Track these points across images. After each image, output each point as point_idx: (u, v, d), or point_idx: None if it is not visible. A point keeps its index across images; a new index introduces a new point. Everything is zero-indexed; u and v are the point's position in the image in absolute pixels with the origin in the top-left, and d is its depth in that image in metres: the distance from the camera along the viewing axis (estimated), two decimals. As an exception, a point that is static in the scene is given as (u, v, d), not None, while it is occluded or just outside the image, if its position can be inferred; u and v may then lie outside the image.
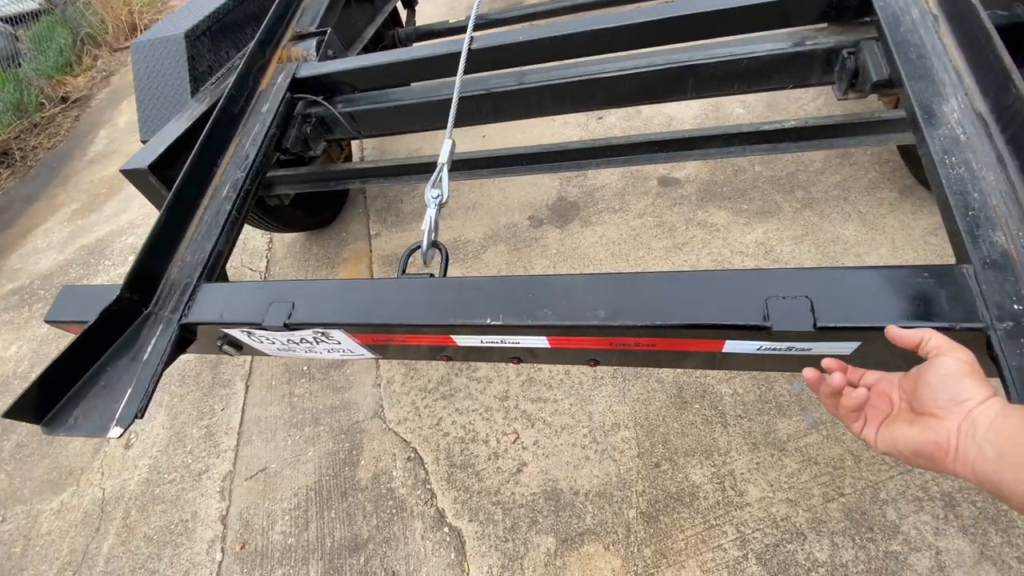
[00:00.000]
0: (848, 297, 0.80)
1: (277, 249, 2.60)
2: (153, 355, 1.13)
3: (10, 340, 2.65)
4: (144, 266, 1.21)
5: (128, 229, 3.14)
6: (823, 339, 0.82)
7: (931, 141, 0.92)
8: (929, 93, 0.97)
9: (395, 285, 1.07)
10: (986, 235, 0.81)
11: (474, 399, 1.72)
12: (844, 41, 1.24)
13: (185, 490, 1.77)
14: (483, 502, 1.49)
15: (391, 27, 2.78)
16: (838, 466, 1.34)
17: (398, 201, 2.62)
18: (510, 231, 2.27)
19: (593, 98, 1.48)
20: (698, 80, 1.36)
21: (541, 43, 1.41)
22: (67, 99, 5.31)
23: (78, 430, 1.10)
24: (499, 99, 1.51)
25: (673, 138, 1.58)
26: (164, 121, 1.69)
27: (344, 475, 1.66)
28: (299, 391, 1.93)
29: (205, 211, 1.34)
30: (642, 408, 1.56)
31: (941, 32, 1.04)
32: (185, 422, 1.97)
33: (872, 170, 2.03)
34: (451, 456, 1.61)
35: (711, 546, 1.28)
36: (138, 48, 1.78)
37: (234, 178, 1.39)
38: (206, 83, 1.78)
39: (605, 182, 2.34)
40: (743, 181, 2.15)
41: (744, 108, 2.46)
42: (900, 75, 1.02)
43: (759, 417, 1.46)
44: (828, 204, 1.96)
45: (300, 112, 1.63)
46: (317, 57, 1.65)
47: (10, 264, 3.27)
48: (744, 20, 1.30)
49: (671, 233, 2.04)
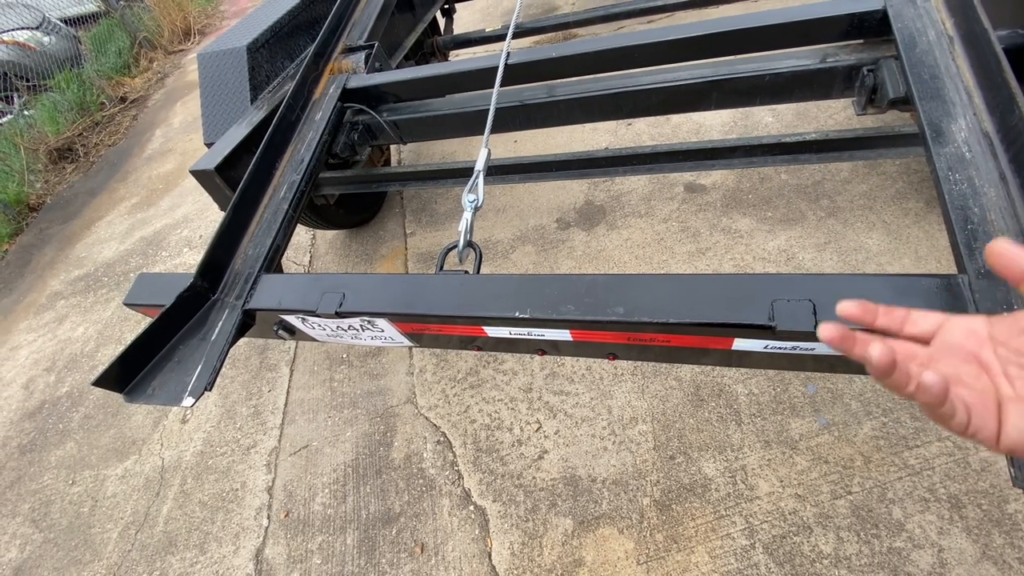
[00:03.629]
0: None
1: (320, 245, 2.77)
2: (220, 336, 1.27)
3: (77, 322, 2.90)
4: (213, 257, 1.35)
5: (183, 223, 3.38)
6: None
7: (937, 159, 0.98)
8: (939, 112, 1.03)
9: (434, 280, 1.19)
10: (983, 248, 0.87)
11: (500, 390, 1.83)
12: (864, 59, 1.29)
13: (235, 462, 1.94)
14: (506, 484, 1.60)
15: (430, 35, 2.92)
16: (848, 465, 1.39)
17: (432, 202, 2.76)
18: (538, 233, 2.37)
19: (620, 109, 1.57)
20: (721, 94, 1.43)
21: (572, 59, 1.51)
22: (126, 99, 5.67)
23: (155, 399, 1.25)
24: (532, 110, 1.61)
25: (698, 148, 1.66)
26: (226, 126, 1.85)
27: (379, 454, 1.79)
28: (339, 376, 2.09)
29: (265, 209, 1.49)
30: (660, 404, 1.64)
31: (955, 53, 1.10)
32: (235, 401, 2.14)
33: (900, 180, 2.05)
34: (477, 441, 1.72)
35: (720, 534, 1.36)
36: (204, 59, 1.95)
37: (291, 180, 1.53)
38: (264, 91, 1.94)
39: (632, 187, 2.42)
40: (769, 189, 2.20)
41: (773, 116, 2.50)
42: (913, 93, 1.08)
43: (773, 416, 1.53)
44: (853, 213, 1.99)
45: (348, 120, 1.77)
46: (365, 69, 1.79)
47: (76, 252, 3.55)
48: (768, 38, 1.37)
49: (695, 238, 2.10)
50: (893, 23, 1.19)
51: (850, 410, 1.49)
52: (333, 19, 1.88)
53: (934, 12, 1.18)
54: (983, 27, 1.04)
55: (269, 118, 1.72)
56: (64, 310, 3.03)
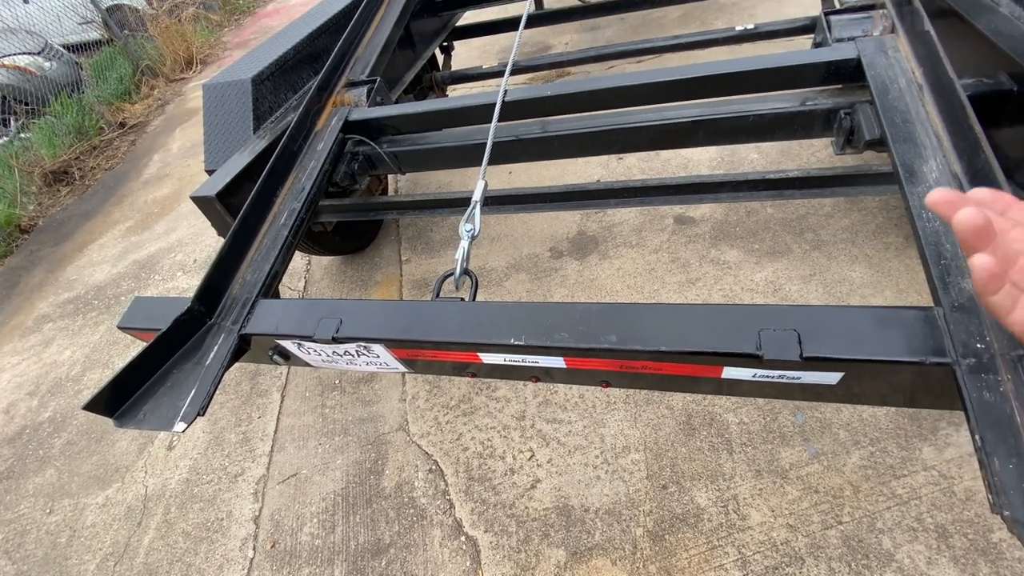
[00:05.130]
0: (833, 331, 0.91)
1: (315, 271, 2.78)
2: (215, 360, 1.28)
3: (64, 345, 2.87)
4: (211, 282, 1.37)
5: (177, 247, 3.39)
6: (809, 368, 0.93)
7: (911, 197, 1.03)
8: (911, 154, 1.09)
9: (430, 307, 1.21)
10: (955, 282, 0.91)
11: (493, 417, 1.83)
12: (841, 103, 1.37)
13: (221, 491, 1.90)
14: (498, 514, 1.58)
15: (429, 71, 3.02)
16: (837, 495, 1.41)
17: (428, 231, 2.80)
18: (531, 261, 2.41)
19: (613, 145, 1.64)
20: (707, 133, 1.50)
21: (567, 97, 1.58)
22: (125, 124, 5.74)
23: (146, 424, 1.24)
24: (527, 144, 1.68)
25: (687, 183, 1.73)
26: (228, 154, 1.89)
27: (369, 483, 1.77)
28: (330, 403, 2.07)
29: (264, 236, 1.51)
30: (652, 433, 1.65)
31: (925, 100, 1.17)
32: (224, 428, 2.12)
33: (880, 215, 2.13)
34: (470, 470, 1.71)
35: (713, 565, 1.36)
36: (209, 89, 2.01)
37: (291, 207, 1.56)
38: (266, 121, 1.99)
39: (624, 218, 2.48)
40: (755, 222, 2.27)
41: (759, 154, 2.60)
42: (887, 136, 1.15)
43: (763, 446, 1.54)
44: (836, 247, 2.06)
45: (349, 150, 1.82)
46: (367, 103, 1.86)
47: (67, 275, 3.53)
48: (751, 82, 1.45)
49: (684, 269, 2.16)
50: (867, 71, 1.27)
51: (838, 439, 1.51)
52: (337, 55, 1.95)
53: (904, 62, 1.26)
54: (949, 76, 1.12)
55: (271, 147, 1.77)
56: (51, 333, 3.00)
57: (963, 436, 1.44)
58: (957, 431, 1.46)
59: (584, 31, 4.28)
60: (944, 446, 1.44)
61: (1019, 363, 0.80)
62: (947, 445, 1.44)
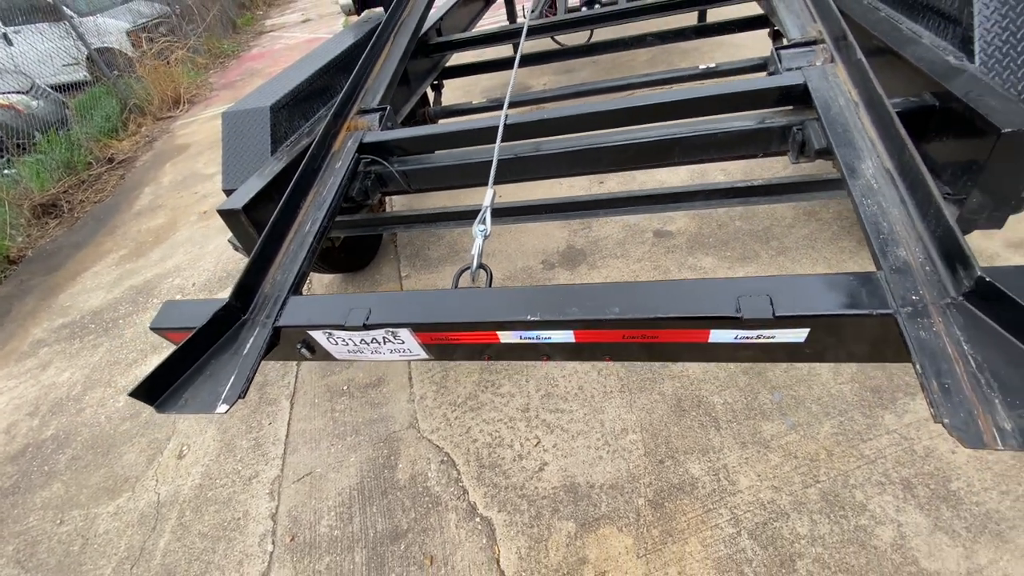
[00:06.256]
0: (798, 295, 1.11)
1: (316, 288, 2.90)
2: (252, 350, 1.40)
3: (62, 368, 2.88)
4: (246, 280, 1.50)
5: (174, 272, 3.46)
6: (781, 326, 1.12)
7: (854, 189, 1.26)
8: (852, 156, 1.33)
9: (452, 294, 1.37)
10: (893, 251, 1.13)
11: (499, 411, 1.97)
12: (794, 120, 1.63)
13: (236, 492, 1.96)
14: (510, 495, 1.70)
15: (422, 107, 3.27)
16: (814, 459, 1.58)
17: (425, 249, 2.97)
18: (526, 272, 2.60)
19: (600, 162, 1.86)
20: (682, 149, 1.74)
21: (559, 120, 1.81)
22: (113, 160, 5.83)
23: (188, 408, 1.35)
24: (524, 161, 1.89)
25: (664, 193, 1.96)
26: (245, 174, 2.06)
27: (384, 476, 1.87)
28: (340, 407, 2.17)
29: (291, 242, 1.66)
30: (647, 416, 1.81)
31: (860, 114, 1.43)
32: (235, 435, 2.18)
33: (834, 225, 2.41)
34: (480, 458, 1.83)
35: (709, 525, 1.50)
36: (228, 116, 2.18)
37: (314, 216, 1.72)
38: (282, 145, 2.17)
39: (608, 233, 2.71)
40: (726, 233, 2.52)
41: (725, 175, 2.89)
42: (832, 144, 1.39)
43: (747, 421, 1.72)
44: (799, 252, 2.31)
45: (363, 169, 2.01)
46: (379, 127, 2.06)
47: (59, 302, 3.54)
48: (717, 105, 1.70)
49: (665, 275, 2.37)
50: (812, 93, 1.54)
51: (811, 412, 1.70)
52: (350, 85, 2.16)
53: (842, 85, 1.53)
54: (879, 93, 1.38)
55: (289, 168, 1.94)
56: (47, 356, 3.01)
57: (919, 403, 1.64)
58: (913, 399, 1.66)
59: (560, 72, 4.65)
60: (903, 412, 1.64)
61: (947, 309, 1.01)
62: (905, 412, 1.64)
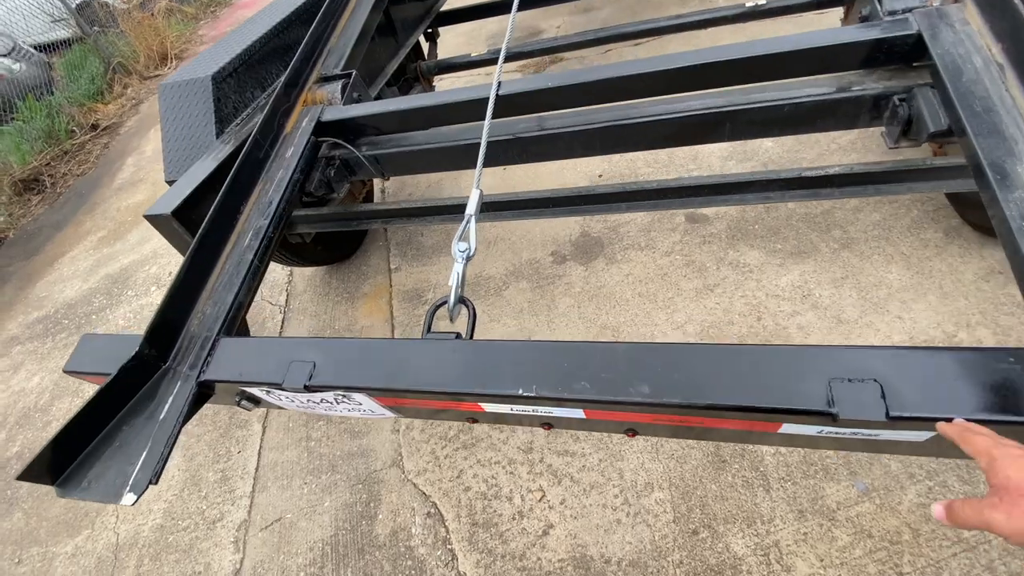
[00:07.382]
0: (922, 382, 0.72)
1: (297, 283, 2.58)
2: (170, 414, 1.09)
3: (33, 371, 2.66)
4: (164, 319, 1.17)
5: (151, 259, 3.17)
6: (894, 428, 0.75)
7: (1006, 206, 0.84)
8: (1000, 152, 0.89)
9: (421, 347, 1.02)
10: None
11: (497, 450, 1.65)
12: (894, 87, 1.17)
13: (199, 539, 1.72)
14: (507, 567, 1.40)
15: (414, 60, 2.79)
16: (895, 540, 1.23)
17: (418, 235, 2.59)
18: (532, 267, 2.22)
19: (624, 142, 1.44)
20: (736, 126, 1.30)
21: (570, 88, 1.36)
22: (97, 126, 5.47)
23: (91, 494, 1.07)
24: (526, 143, 1.47)
25: (707, 183, 1.53)
26: (190, 162, 1.68)
27: (361, 529, 1.59)
28: (316, 435, 1.88)
29: (227, 260, 1.31)
30: (677, 467, 1.47)
31: (1009, 83, 0.97)
32: (201, 464, 1.92)
33: (914, 208, 1.94)
34: (473, 513, 1.53)
35: (757, 629, 1.19)
36: (165, 89, 1.79)
37: (257, 225, 1.36)
38: (231, 124, 1.77)
39: (630, 217, 2.28)
40: (775, 219, 2.07)
41: (773, 141, 2.39)
42: (965, 128, 0.95)
43: (804, 481, 1.36)
44: (868, 244, 1.87)
45: (324, 155, 1.61)
46: (342, 100, 1.64)
47: (36, 292, 3.31)
48: (781, 66, 1.24)
49: (701, 273, 1.96)
50: (931, 49, 1.07)
51: (890, 472, 1.33)
52: (306, 46, 1.72)
53: (976, 37, 1.06)
54: (1043, 54, 0.92)
55: (236, 153, 1.55)
56: (20, 357, 2.79)
57: (1034, 466, 1.26)
58: (1026, 460, 1.28)
59: (577, 13, 4.02)
60: (1013, 478, 1.26)
61: None
62: (1016, 477, 1.26)
